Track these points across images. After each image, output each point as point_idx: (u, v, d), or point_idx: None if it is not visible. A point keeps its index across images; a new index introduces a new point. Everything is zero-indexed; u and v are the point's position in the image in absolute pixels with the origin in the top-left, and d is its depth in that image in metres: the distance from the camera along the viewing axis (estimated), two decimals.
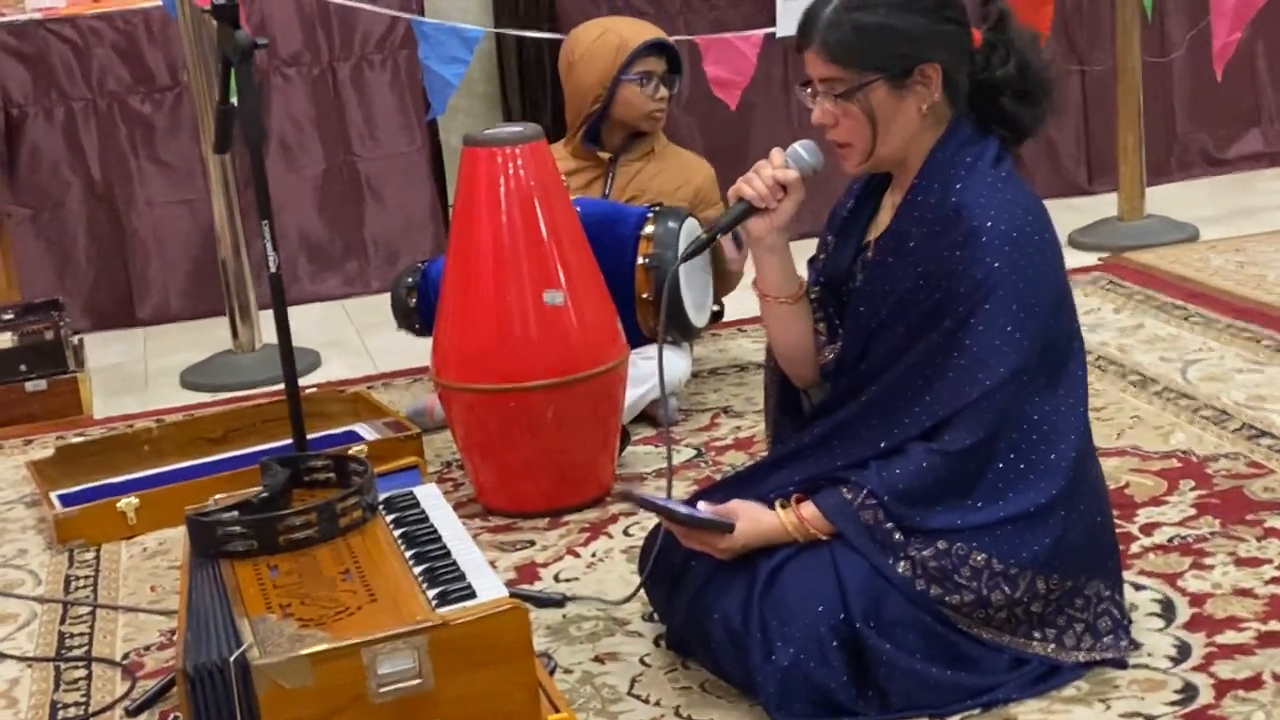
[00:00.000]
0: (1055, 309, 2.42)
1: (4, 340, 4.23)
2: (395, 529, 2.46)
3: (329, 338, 4.84)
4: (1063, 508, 2.37)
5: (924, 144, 2.44)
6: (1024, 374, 2.35)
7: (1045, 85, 2.47)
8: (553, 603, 2.86)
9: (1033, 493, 2.36)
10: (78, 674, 2.80)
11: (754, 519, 2.43)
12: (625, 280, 3.56)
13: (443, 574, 2.28)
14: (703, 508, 2.47)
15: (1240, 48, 4.90)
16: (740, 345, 4.28)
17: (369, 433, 3.75)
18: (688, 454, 3.54)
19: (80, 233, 5.13)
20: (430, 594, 2.22)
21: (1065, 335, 2.44)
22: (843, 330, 2.56)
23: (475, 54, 4.59)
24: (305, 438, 3.11)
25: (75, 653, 2.88)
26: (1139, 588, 2.70)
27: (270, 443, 3.68)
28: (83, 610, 3.06)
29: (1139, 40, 4.91)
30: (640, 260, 3.58)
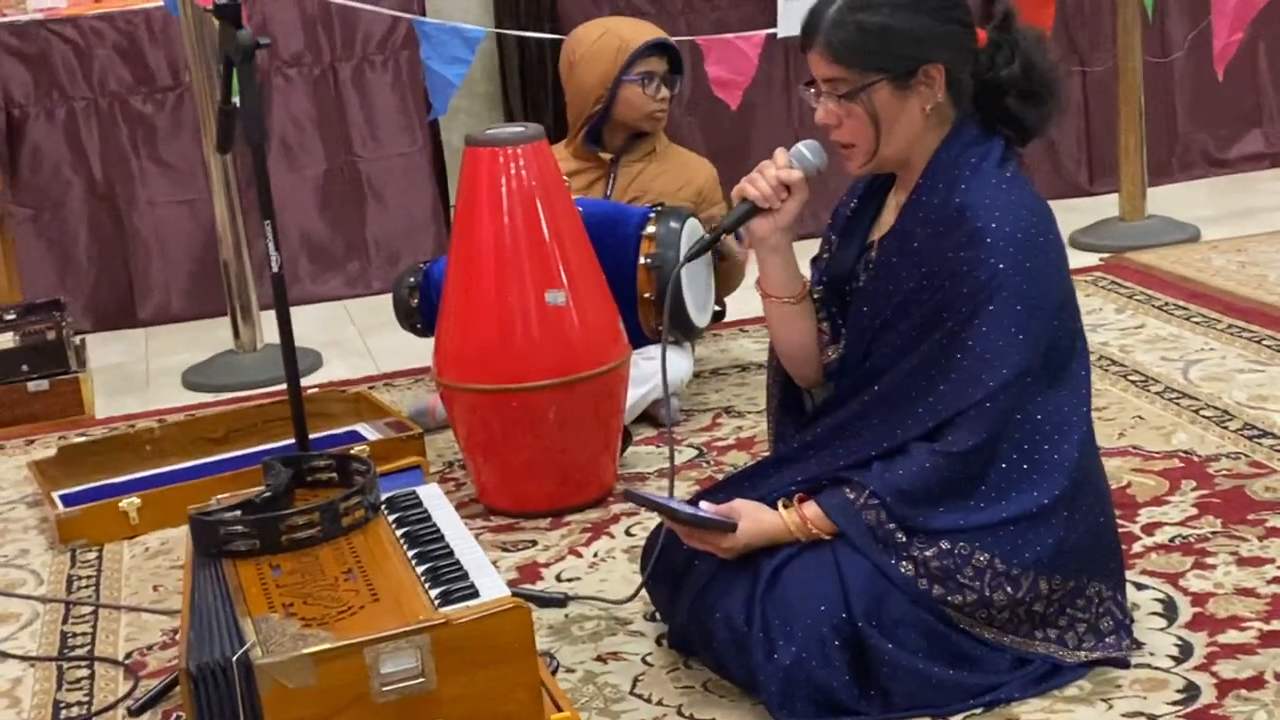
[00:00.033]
0: (1059, 310, 2.41)
1: (6, 340, 4.23)
2: (398, 528, 2.47)
3: (330, 338, 4.84)
4: (1065, 508, 2.37)
5: (928, 144, 2.44)
6: (1027, 375, 2.35)
7: (1051, 85, 2.46)
8: (555, 602, 2.86)
9: (1035, 493, 2.35)
10: (80, 673, 2.80)
11: (756, 518, 2.43)
12: (627, 280, 3.55)
13: (445, 573, 2.28)
14: (705, 507, 2.47)
15: (1241, 48, 4.89)
16: (742, 345, 4.28)
17: (371, 433, 3.75)
18: (690, 454, 3.54)
19: (82, 233, 5.13)
20: (433, 593, 2.22)
21: (1069, 336, 2.43)
22: (846, 330, 2.56)
23: (476, 54, 4.57)
24: (307, 438, 3.11)
25: (78, 652, 2.88)
26: (1141, 587, 2.70)
27: (272, 443, 3.69)
28: (85, 610, 3.06)
29: (1140, 40, 4.90)
30: (642, 260, 3.58)
